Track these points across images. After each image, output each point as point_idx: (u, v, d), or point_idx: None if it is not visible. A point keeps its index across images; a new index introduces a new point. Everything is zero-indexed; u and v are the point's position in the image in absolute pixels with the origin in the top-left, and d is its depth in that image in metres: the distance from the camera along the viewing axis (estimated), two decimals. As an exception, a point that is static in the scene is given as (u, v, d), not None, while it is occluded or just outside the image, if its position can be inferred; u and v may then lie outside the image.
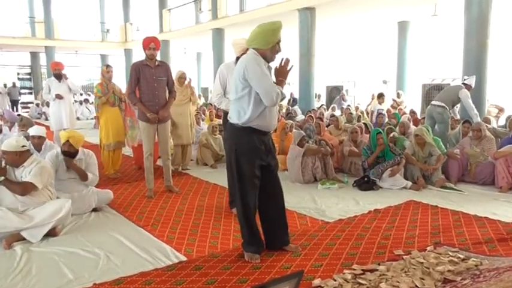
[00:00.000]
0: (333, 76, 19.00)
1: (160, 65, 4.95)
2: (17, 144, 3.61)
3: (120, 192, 5.15)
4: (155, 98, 4.85)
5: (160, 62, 4.97)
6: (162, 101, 4.92)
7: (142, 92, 4.86)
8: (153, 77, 4.83)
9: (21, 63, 24.60)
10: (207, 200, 4.87)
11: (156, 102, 4.86)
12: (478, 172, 5.47)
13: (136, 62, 4.97)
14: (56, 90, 7.45)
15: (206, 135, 7.13)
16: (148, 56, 4.82)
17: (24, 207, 3.63)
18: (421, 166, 5.45)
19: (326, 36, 15.99)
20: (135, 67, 4.84)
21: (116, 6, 23.65)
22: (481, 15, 7.53)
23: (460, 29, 8.12)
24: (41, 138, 4.71)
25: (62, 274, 2.96)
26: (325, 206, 4.60)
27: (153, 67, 4.85)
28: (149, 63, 4.84)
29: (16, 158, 3.61)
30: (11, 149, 3.58)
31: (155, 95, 4.85)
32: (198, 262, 3.13)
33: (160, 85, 4.89)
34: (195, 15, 18.89)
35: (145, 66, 4.84)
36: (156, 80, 4.85)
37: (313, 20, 11.63)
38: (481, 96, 7.65)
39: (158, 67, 4.90)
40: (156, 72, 4.86)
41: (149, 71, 4.83)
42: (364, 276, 2.83)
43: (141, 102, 4.84)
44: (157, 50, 4.90)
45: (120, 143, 6.24)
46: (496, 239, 3.49)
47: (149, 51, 4.81)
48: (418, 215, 4.22)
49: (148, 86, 4.82)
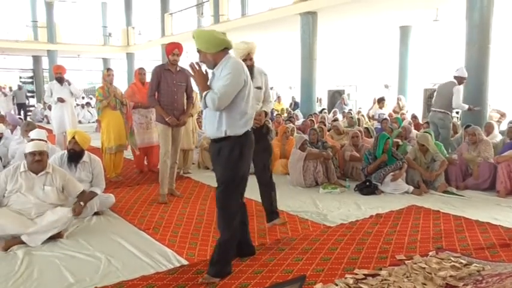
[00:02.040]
0: (334, 80, 19.01)
1: (181, 70, 4.99)
2: (41, 144, 3.81)
3: (121, 196, 5.15)
4: (174, 103, 4.91)
5: (181, 67, 5.00)
6: (180, 106, 4.98)
7: (161, 96, 4.90)
8: (173, 82, 4.90)
9: (23, 67, 24.64)
10: (208, 204, 4.86)
11: (174, 106, 4.91)
12: (480, 172, 5.45)
13: (158, 66, 5.06)
14: (58, 94, 7.45)
15: (207, 139, 7.13)
16: (171, 61, 4.89)
17: (39, 211, 3.65)
18: (423, 172, 5.44)
19: (328, 40, 16.00)
20: (157, 71, 4.89)
21: (118, 10, 23.72)
22: (483, 20, 7.54)
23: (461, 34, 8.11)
24: None
25: (63, 278, 2.96)
26: (326, 210, 4.59)
27: (174, 72, 4.92)
28: (171, 68, 4.91)
29: (46, 159, 3.77)
30: (42, 148, 3.73)
31: (174, 99, 4.91)
32: (200, 266, 3.12)
33: (179, 90, 4.96)
34: (197, 20, 18.94)
35: (166, 71, 4.90)
36: (176, 85, 4.92)
37: (314, 24, 11.65)
38: (482, 102, 7.63)
39: (179, 72, 4.97)
40: (177, 77, 4.93)
41: (170, 75, 4.90)
42: (365, 281, 2.82)
43: (160, 105, 4.88)
44: (180, 55, 4.96)
45: (121, 146, 6.24)
46: (498, 245, 3.48)
47: (172, 56, 4.89)
48: (420, 219, 4.21)
49: (168, 90, 4.88)
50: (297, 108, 13.92)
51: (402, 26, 13.92)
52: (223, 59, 2.91)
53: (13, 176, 3.67)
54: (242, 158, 2.95)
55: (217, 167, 3.05)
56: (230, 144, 2.92)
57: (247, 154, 3.03)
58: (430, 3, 10.71)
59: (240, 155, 2.93)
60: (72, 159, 4.34)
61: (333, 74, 19.22)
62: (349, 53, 19.32)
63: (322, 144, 6.06)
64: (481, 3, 7.52)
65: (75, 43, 21.95)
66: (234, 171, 2.95)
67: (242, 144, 2.95)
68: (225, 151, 2.94)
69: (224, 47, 2.91)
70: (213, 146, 3.05)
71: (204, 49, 2.90)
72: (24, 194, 3.64)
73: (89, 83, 27.24)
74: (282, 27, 14.06)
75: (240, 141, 2.94)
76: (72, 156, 4.34)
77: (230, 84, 2.81)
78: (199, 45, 2.91)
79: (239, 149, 2.93)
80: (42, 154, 3.69)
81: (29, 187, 3.66)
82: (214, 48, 2.88)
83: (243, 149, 2.95)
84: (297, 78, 12.70)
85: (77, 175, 4.31)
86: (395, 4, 10.86)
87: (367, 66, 19.00)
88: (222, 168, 2.98)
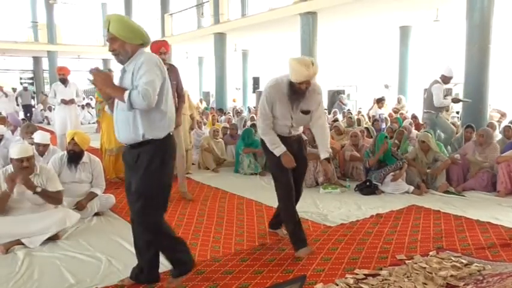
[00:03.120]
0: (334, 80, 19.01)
1: (170, 68, 4.70)
2: (28, 148, 3.64)
3: (122, 197, 5.14)
4: None
5: (169, 65, 4.71)
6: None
7: None
8: None
9: (23, 68, 24.66)
10: (208, 204, 4.86)
11: None
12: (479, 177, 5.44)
13: None
14: (62, 95, 7.39)
15: (208, 140, 7.14)
16: None
17: (34, 213, 3.63)
18: (421, 170, 5.43)
19: (328, 40, 16.01)
20: None
21: (118, 11, 23.72)
22: (483, 21, 7.53)
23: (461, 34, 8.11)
24: (45, 146, 4.73)
25: (63, 278, 2.96)
26: (327, 210, 4.59)
27: None
28: None
29: (33, 162, 3.64)
30: (29, 153, 3.57)
31: None
32: (200, 266, 3.12)
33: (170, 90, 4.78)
34: (197, 20, 18.95)
35: None
36: None
37: (315, 24, 11.65)
38: (483, 101, 7.63)
39: (168, 71, 4.72)
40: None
41: None
42: (366, 281, 2.82)
43: None
44: (167, 53, 4.68)
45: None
46: (498, 244, 3.48)
47: (159, 55, 4.52)
48: (421, 219, 4.21)
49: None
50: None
51: (402, 26, 13.92)
52: (138, 53, 2.57)
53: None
54: (164, 166, 2.59)
55: (135, 177, 2.60)
56: (149, 150, 2.56)
57: (170, 161, 2.67)
58: (430, 4, 10.72)
59: (161, 162, 2.57)
60: (72, 160, 4.33)
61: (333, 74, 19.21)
62: (350, 53, 19.33)
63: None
64: (481, 4, 7.52)
65: (75, 44, 21.98)
66: (154, 181, 2.57)
67: (164, 150, 2.60)
68: (143, 158, 2.56)
69: (142, 42, 2.59)
70: (129, 153, 2.65)
71: (125, 38, 2.52)
72: (17, 198, 3.60)
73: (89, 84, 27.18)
74: (282, 27, 14.06)
75: (161, 146, 2.59)
76: (72, 157, 4.33)
77: (157, 78, 2.49)
78: (120, 32, 2.51)
79: (160, 155, 2.58)
80: (29, 159, 3.55)
81: (20, 191, 3.59)
82: (136, 39, 2.55)
83: (164, 155, 2.60)
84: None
85: (77, 176, 4.31)
86: (396, 4, 10.86)
87: (367, 66, 19.00)
88: (140, 179, 2.57)
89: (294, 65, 3.13)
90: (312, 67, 3.12)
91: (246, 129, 7.21)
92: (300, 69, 3.10)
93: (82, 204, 4.19)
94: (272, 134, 3.34)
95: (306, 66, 3.09)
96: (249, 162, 6.59)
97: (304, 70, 3.09)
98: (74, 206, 4.08)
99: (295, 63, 3.13)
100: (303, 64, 3.11)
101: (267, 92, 3.33)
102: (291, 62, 3.16)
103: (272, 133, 3.34)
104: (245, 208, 4.72)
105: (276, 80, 3.34)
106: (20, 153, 3.52)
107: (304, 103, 3.33)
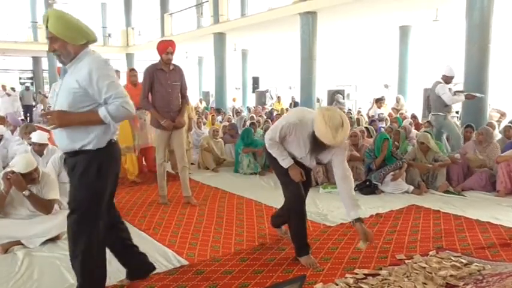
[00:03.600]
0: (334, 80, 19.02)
1: (175, 69, 4.69)
2: (31, 163, 3.52)
3: (121, 197, 5.15)
4: (169, 104, 4.62)
5: (174, 65, 4.69)
6: (175, 107, 4.68)
7: (155, 98, 4.61)
8: (167, 82, 4.59)
9: (23, 68, 24.65)
10: (208, 204, 4.86)
11: (170, 108, 4.62)
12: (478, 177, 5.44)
13: (150, 65, 4.70)
14: None
15: (207, 139, 7.14)
16: (165, 60, 4.57)
17: (32, 218, 3.61)
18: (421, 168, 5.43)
19: (327, 40, 16.00)
20: (149, 72, 4.59)
21: (118, 11, 23.73)
22: (483, 20, 7.53)
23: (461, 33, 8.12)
24: (42, 146, 4.70)
25: (63, 278, 2.96)
26: (326, 210, 4.59)
27: (167, 71, 4.61)
28: (164, 68, 4.60)
29: (35, 177, 3.54)
30: (33, 166, 3.50)
31: (169, 100, 4.61)
32: (200, 266, 3.12)
33: (174, 90, 4.65)
34: (196, 20, 18.95)
35: (159, 71, 4.59)
36: (171, 85, 4.61)
37: (314, 24, 11.64)
38: (483, 101, 7.64)
39: (173, 71, 4.65)
40: (171, 76, 4.62)
41: (164, 75, 4.59)
42: (366, 280, 2.82)
43: (155, 108, 4.61)
44: (173, 53, 4.65)
45: (128, 148, 6.07)
46: (498, 244, 3.48)
47: (166, 55, 4.56)
48: (420, 219, 4.21)
49: (163, 91, 4.58)
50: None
51: (402, 26, 13.92)
52: (81, 54, 2.36)
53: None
54: (101, 176, 2.38)
55: (71, 187, 2.45)
56: (86, 159, 2.36)
57: (110, 171, 2.46)
58: (430, 3, 10.72)
59: (97, 172, 2.37)
60: None
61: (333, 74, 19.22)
62: (349, 53, 19.32)
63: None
64: (481, 3, 7.52)
65: (74, 44, 21.95)
66: (90, 192, 2.38)
67: (102, 159, 2.39)
68: (79, 167, 2.37)
69: (87, 41, 2.38)
70: (68, 161, 2.46)
71: (66, 37, 2.30)
72: (16, 207, 3.59)
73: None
74: (281, 27, 14.06)
75: (100, 154, 2.39)
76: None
77: (116, 79, 2.34)
78: (60, 31, 2.29)
79: (97, 164, 2.37)
80: (31, 174, 3.50)
81: (20, 201, 3.58)
82: (79, 39, 2.33)
83: (102, 164, 2.39)
84: (296, 78, 12.70)
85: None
86: (395, 4, 10.86)
87: (367, 66, 19.00)
88: (75, 189, 2.41)
89: (320, 126, 2.76)
90: (341, 132, 2.74)
91: (245, 128, 7.21)
92: (326, 135, 2.76)
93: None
94: (279, 147, 3.11)
95: (334, 131, 2.72)
96: (249, 162, 6.59)
97: (330, 137, 2.74)
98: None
99: (321, 124, 2.75)
100: (332, 128, 2.72)
101: (287, 127, 3.02)
102: (318, 119, 2.77)
103: (279, 145, 3.11)
104: (245, 208, 4.72)
105: (300, 120, 3.00)
106: (22, 168, 3.46)
107: (323, 155, 3.09)
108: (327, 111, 2.81)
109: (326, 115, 2.75)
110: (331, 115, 2.76)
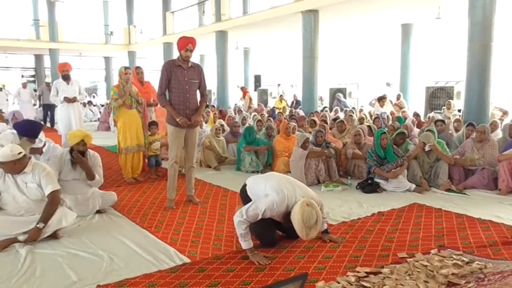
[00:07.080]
0: (336, 78, 19.01)
1: (194, 66, 4.58)
2: (12, 153, 3.48)
3: (123, 194, 5.16)
4: (186, 102, 4.51)
5: (193, 63, 4.58)
6: (192, 106, 4.57)
7: (172, 94, 4.51)
8: (185, 79, 4.48)
9: (25, 66, 24.70)
10: (210, 202, 4.87)
11: (186, 106, 4.52)
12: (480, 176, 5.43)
13: (168, 61, 4.61)
14: (65, 93, 7.29)
15: (209, 138, 7.14)
16: (184, 57, 4.45)
17: (30, 213, 3.62)
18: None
19: (329, 38, 16.00)
20: (167, 67, 4.47)
21: (120, 9, 23.74)
22: (485, 18, 7.52)
23: (463, 31, 8.11)
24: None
25: (65, 276, 2.97)
26: (328, 208, 4.58)
27: (186, 68, 4.50)
28: (182, 64, 4.48)
29: (15, 167, 3.53)
30: (8, 158, 3.47)
31: (186, 98, 4.51)
32: (202, 264, 3.13)
33: (192, 88, 4.55)
34: (198, 18, 18.94)
35: (177, 67, 4.47)
36: (188, 82, 4.50)
37: (316, 22, 11.63)
38: (484, 99, 7.63)
39: (191, 68, 4.55)
40: (189, 74, 4.52)
41: (181, 72, 4.48)
42: (367, 278, 2.82)
43: (171, 105, 4.51)
44: (193, 51, 4.49)
45: (139, 146, 6.03)
46: (500, 242, 3.48)
47: (185, 52, 4.43)
48: (422, 217, 4.21)
49: (180, 88, 4.48)
50: (298, 106, 13.91)
51: (404, 24, 13.90)
52: None
53: (0, 176, 3.63)
54: None
55: None
56: None
57: None
58: (432, 1, 10.70)
59: None
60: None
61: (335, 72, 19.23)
62: (351, 51, 19.32)
63: (325, 144, 6.05)
64: (483, 1, 7.50)
65: (76, 42, 22.02)
66: None
67: None
68: None
69: None
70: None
71: None
72: (13, 194, 3.59)
73: (91, 82, 27.29)
74: (283, 25, 14.06)
75: None
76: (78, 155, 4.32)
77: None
78: None
79: None
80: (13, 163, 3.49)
81: (15, 186, 3.59)
82: None
83: None
84: (298, 77, 12.70)
85: (78, 173, 4.32)
86: (397, 2, 10.85)
87: (368, 64, 19.01)
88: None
89: (298, 223, 2.99)
90: (314, 230, 3.02)
91: (247, 127, 7.20)
92: (301, 231, 3.01)
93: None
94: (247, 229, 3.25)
95: (309, 229, 2.99)
96: (251, 160, 6.59)
97: (304, 234, 3.01)
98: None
99: (299, 222, 2.98)
100: (307, 227, 2.99)
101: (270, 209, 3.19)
102: (297, 215, 2.99)
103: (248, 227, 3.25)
104: (247, 206, 4.71)
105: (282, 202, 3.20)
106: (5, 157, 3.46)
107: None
108: (307, 207, 3.01)
109: (305, 214, 2.98)
110: (309, 214, 2.99)
